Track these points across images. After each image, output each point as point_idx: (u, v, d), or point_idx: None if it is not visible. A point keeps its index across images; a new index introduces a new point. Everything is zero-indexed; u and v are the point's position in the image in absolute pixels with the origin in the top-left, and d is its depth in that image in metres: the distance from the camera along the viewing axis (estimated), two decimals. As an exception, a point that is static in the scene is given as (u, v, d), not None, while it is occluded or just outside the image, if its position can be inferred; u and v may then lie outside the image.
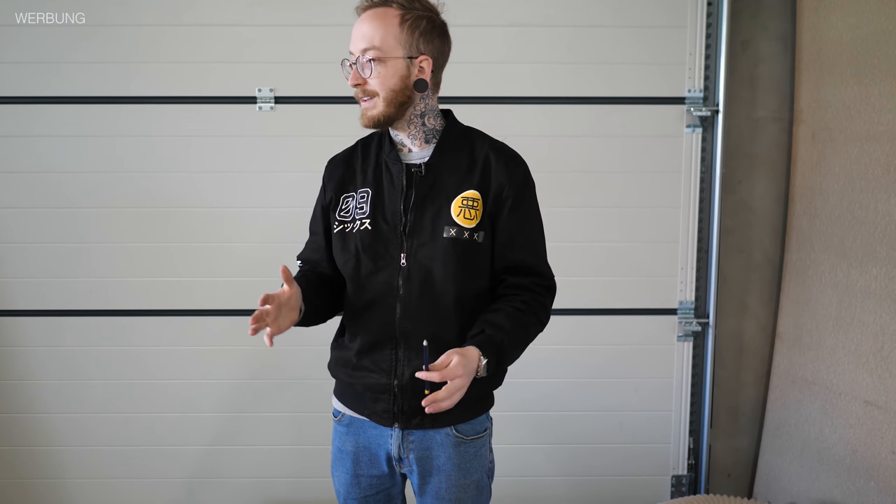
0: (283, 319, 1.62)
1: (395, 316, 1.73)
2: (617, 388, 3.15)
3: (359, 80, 1.69)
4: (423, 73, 1.71)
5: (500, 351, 1.67)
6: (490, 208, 1.73)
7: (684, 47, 2.96)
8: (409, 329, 1.73)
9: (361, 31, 1.68)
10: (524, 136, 2.82)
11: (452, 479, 1.79)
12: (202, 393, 3.09)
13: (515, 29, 2.93)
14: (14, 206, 2.97)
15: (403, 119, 1.74)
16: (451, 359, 1.58)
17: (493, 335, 1.66)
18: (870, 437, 2.67)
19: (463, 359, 1.59)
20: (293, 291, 1.64)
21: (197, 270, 3.02)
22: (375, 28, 1.67)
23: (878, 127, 2.68)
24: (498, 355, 1.67)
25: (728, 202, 3.09)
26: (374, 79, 1.68)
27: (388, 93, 1.69)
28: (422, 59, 1.70)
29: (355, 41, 1.69)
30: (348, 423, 1.85)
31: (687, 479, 3.21)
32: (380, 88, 1.69)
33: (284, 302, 1.62)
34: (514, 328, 1.70)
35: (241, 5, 2.89)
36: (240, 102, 2.94)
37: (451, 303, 1.72)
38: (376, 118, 1.71)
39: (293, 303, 1.65)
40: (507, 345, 1.68)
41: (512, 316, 1.71)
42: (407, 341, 1.73)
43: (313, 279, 1.83)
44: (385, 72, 1.68)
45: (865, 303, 2.71)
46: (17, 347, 3.05)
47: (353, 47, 1.69)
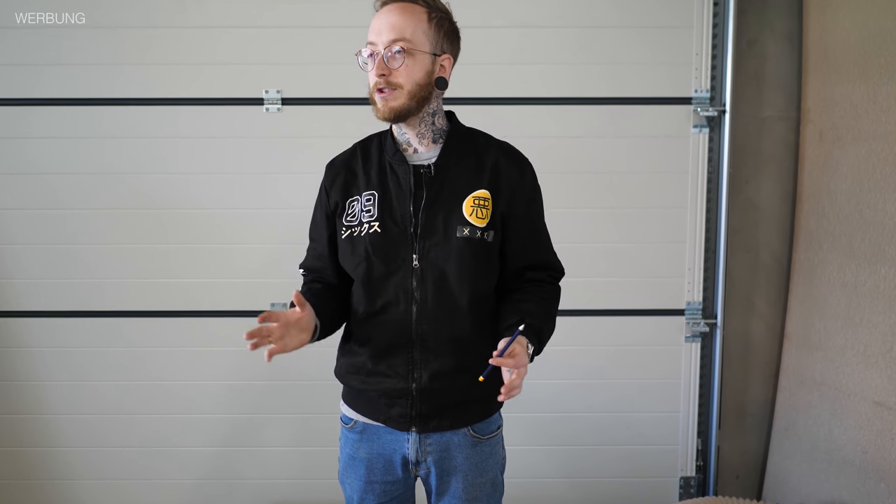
0: (290, 339, 1.61)
1: (411, 318, 1.73)
2: (624, 388, 3.14)
3: (384, 69, 1.67)
4: (444, 72, 1.74)
5: (539, 339, 1.71)
6: (502, 208, 1.75)
7: (690, 47, 2.95)
8: (426, 331, 1.72)
9: (390, 22, 1.66)
10: (531, 136, 2.83)
11: (470, 478, 1.80)
12: (206, 394, 3.09)
13: (521, 30, 2.93)
14: (20, 207, 2.98)
15: (418, 116, 1.73)
16: (516, 347, 1.60)
17: (534, 323, 1.69)
18: (880, 438, 2.66)
19: (521, 347, 1.62)
20: (304, 313, 1.63)
21: (202, 272, 3.03)
22: (406, 20, 1.67)
23: (885, 126, 2.67)
24: (538, 343, 1.71)
25: (735, 202, 3.09)
26: (402, 70, 1.67)
27: (413, 86, 1.68)
28: (444, 57, 1.73)
29: (382, 31, 1.67)
30: (361, 429, 1.84)
31: (695, 481, 3.20)
32: (405, 81, 1.68)
33: (294, 322, 1.61)
34: (545, 317, 1.76)
35: (248, 7, 2.90)
36: (247, 104, 2.94)
37: (466, 302, 1.73)
38: (397, 110, 1.69)
39: (304, 324, 1.64)
40: (544, 332, 1.74)
41: (542, 306, 1.77)
42: (424, 343, 1.73)
43: (321, 292, 1.81)
44: (413, 64, 1.68)
45: (874, 303, 2.70)
46: (21, 348, 3.05)
47: (378, 38, 1.67)
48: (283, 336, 1.59)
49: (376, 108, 1.71)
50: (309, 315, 1.65)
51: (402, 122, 1.73)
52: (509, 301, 1.78)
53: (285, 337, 1.60)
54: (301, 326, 1.63)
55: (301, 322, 1.63)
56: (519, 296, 1.79)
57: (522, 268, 1.81)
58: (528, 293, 1.79)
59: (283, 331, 1.59)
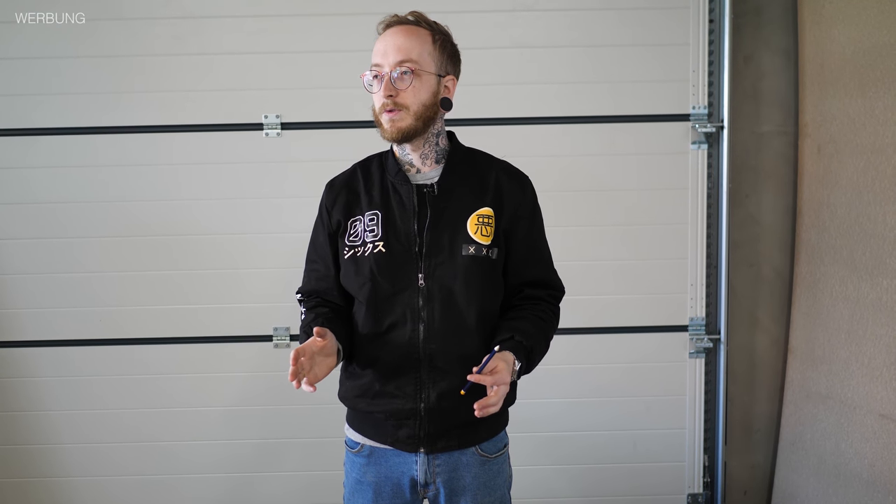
0: (318, 368, 1.63)
1: (418, 337, 1.72)
2: (629, 406, 3.13)
3: (391, 90, 1.68)
4: (448, 93, 1.76)
5: (529, 357, 1.72)
6: (505, 226, 1.76)
7: (687, 64, 2.97)
8: (434, 350, 1.72)
9: (396, 44, 1.68)
10: (531, 155, 2.85)
11: (478, 497, 1.80)
12: (211, 419, 3.09)
13: (521, 50, 2.95)
14: (23, 237, 2.99)
15: (423, 136, 1.75)
16: (498, 364, 1.61)
17: (524, 341, 1.70)
18: (886, 451, 2.65)
19: (505, 364, 1.63)
20: (326, 341, 1.64)
21: (205, 297, 3.03)
22: (412, 42, 1.69)
23: (883, 139, 2.68)
24: (527, 361, 1.72)
25: (736, 217, 3.09)
26: (409, 91, 1.68)
27: (419, 107, 1.70)
28: (448, 78, 1.75)
29: (388, 53, 1.68)
30: (368, 453, 1.82)
31: (703, 498, 3.18)
32: (412, 101, 1.69)
33: (318, 350, 1.63)
34: (538, 336, 1.76)
35: (246, 33, 2.92)
36: (246, 129, 2.96)
37: (474, 320, 1.74)
38: (405, 130, 1.70)
39: (327, 350, 1.65)
40: (535, 352, 1.74)
41: (536, 324, 1.77)
42: (431, 362, 1.73)
43: (332, 316, 1.80)
44: (420, 85, 1.69)
45: (878, 315, 2.70)
46: (28, 378, 3.05)
47: (384, 59, 1.68)
48: (311, 367, 1.60)
49: (383, 129, 1.72)
50: (331, 341, 1.66)
51: (408, 142, 1.74)
52: (506, 318, 1.79)
53: (315, 367, 1.61)
54: (325, 353, 1.65)
55: (325, 349, 1.64)
56: (514, 313, 1.80)
57: (522, 284, 1.82)
58: (523, 311, 1.80)
59: (311, 363, 1.60)
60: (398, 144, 1.77)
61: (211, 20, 2.92)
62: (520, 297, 1.82)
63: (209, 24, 2.92)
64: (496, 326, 1.78)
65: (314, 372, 1.60)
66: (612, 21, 2.95)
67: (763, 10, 3.05)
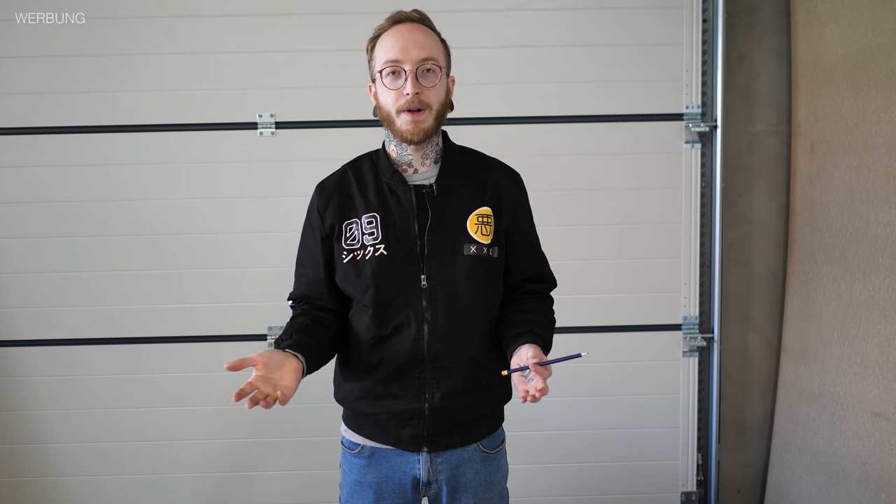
0: (282, 379, 1.56)
1: (423, 338, 1.71)
2: (623, 405, 3.14)
3: (419, 87, 1.64)
4: (450, 94, 1.76)
5: (546, 349, 1.73)
6: (504, 225, 1.77)
7: (681, 64, 2.98)
8: (438, 350, 1.71)
9: (417, 40, 1.64)
10: (524, 154, 2.84)
11: (480, 493, 1.82)
12: (205, 418, 3.09)
13: (514, 49, 2.96)
14: (19, 235, 2.98)
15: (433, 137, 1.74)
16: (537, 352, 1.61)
17: (543, 335, 1.71)
18: (879, 449, 2.66)
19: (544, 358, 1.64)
20: (261, 361, 1.54)
21: (199, 296, 3.03)
22: (430, 40, 1.67)
23: (875, 138, 2.69)
24: (545, 353, 1.72)
25: (729, 216, 3.10)
26: (434, 89, 1.67)
27: (439, 106, 1.70)
28: (451, 78, 1.77)
29: (409, 49, 1.64)
30: (369, 454, 1.81)
31: (696, 496, 3.19)
32: (434, 100, 1.68)
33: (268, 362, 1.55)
34: (549, 328, 1.78)
35: (241, 32, 2.92)
36: (241, 128, 2.96)
37: (477, 319, 1.74)
38: (427, 131, 1.68)
39: (273, 364, 1.56)
40: (549, 344, 1.76)
41: (548, 317, 1.81)
42: (436, 363, 1.72)
43: (308, 328, 1.73)
44: (440, 84, 1.69)
45: (870, 314, 2.71)
46: (23, 378, 3.05)
47: (405, 56, 1.64)
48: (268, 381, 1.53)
49: (398, 129, 1.68)
50: (268, 358, 1.56)
51: (425, 142, 1.71)
52: (514, 311, 1.78)
53: (281, 379, 1.55)
54: (273, 366, 1.56)
55: (270, 363, 1.55)
56: (522, 306, 1.80)
57: (523, 280, 1.84)
58: (530, 304, 1.81)
59: (263, 380, 1.53)
60: (410, 145, 1.71)
61: (206, 19, 2.92)
62: (520, 291, 1.83)
63: (204, 23, 2.92)
64: (505, 319, 1.78)
65: (281, 386, 1.54)
66: (606, 21, 2.96)
67: (756, 10, 3.06)
